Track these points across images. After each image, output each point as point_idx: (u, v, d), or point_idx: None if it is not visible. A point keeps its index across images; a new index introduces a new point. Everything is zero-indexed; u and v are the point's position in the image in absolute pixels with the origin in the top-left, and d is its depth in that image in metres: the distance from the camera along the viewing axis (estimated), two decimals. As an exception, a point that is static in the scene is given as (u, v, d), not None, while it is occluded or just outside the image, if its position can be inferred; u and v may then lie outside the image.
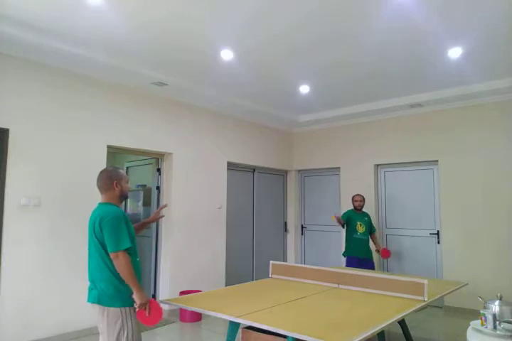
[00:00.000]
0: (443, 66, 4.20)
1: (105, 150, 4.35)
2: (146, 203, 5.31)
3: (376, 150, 6.02)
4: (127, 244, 2.26)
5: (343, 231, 6.27)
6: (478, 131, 5.12)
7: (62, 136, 4.01)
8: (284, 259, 6.91)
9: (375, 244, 5.39)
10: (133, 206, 5.58)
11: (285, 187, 7.09)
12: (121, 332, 2.25)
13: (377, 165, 6.09)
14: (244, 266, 6.16)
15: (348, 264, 5.11)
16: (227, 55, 3.88)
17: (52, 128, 3.94)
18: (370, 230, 5.31)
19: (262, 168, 6.55)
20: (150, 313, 2.28)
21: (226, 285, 5.47)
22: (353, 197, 5.36)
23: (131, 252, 2.34)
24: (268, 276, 3.72)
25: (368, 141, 6.12)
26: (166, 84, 4.57)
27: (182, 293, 4.81)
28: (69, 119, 4.07)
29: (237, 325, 2.83)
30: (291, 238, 6.94)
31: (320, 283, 3.34)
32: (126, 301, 2.30)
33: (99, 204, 2.47)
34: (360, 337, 1.96)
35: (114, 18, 3.19)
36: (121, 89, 4.53)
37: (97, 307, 2.30)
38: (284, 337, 2.25)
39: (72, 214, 4.00)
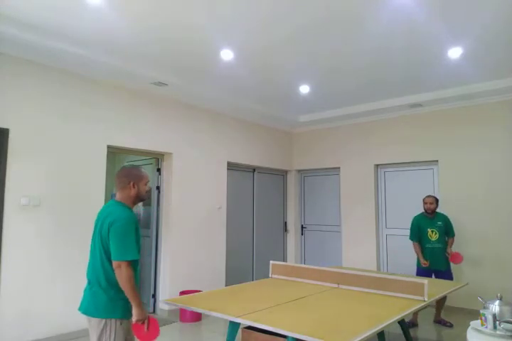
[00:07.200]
0: (443, 66, 4.19)
1: (105, 150, 4.35)
2: (146, 203, 5.30)
3: (376, 150, 6.02)
4: (134, 256, 2.08)
5: (343, 231, 6.28)
6: (479, 131, 5.12)
7: (62, 135, 4.01)
8: (284, 259, 6.91)
9: (447, 248, 4.53)
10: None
11: (285, 187, 7.09)
12: None
13: (377, 165, 6.09)
14: (244, 266, 6.16)
15: (418, 275, 4.48)
16: (227, 55, 3.88)
17: (52, 129, 3.94)
18: (448, 235, 4.56)
19: (262, 168, 6.55)
20: (148, 330, 2.11)
21: (226, 285, 5.47)
22: (423, 199, 4.64)
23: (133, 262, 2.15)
24: (268, 276, 3.72)
25: (368, 141, 6.12)
26: (166, 85, 4.57)
27: (182, 293, 4.81)
28: (69, 119, 4.07)
29: (237, 325, 2.83)
30: (291, 238, 6.94)
31: (320, 283, 3.34)
32: (116, 312, 2.11)
33: (112, 202, 2.28)
34: (360, 337, 1.96)
35: (114, 18, 3.18)
36: (121, 89, 4.53)
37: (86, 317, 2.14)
38: (284, 337, 2.25)
39: (72, 214, 4.01)
